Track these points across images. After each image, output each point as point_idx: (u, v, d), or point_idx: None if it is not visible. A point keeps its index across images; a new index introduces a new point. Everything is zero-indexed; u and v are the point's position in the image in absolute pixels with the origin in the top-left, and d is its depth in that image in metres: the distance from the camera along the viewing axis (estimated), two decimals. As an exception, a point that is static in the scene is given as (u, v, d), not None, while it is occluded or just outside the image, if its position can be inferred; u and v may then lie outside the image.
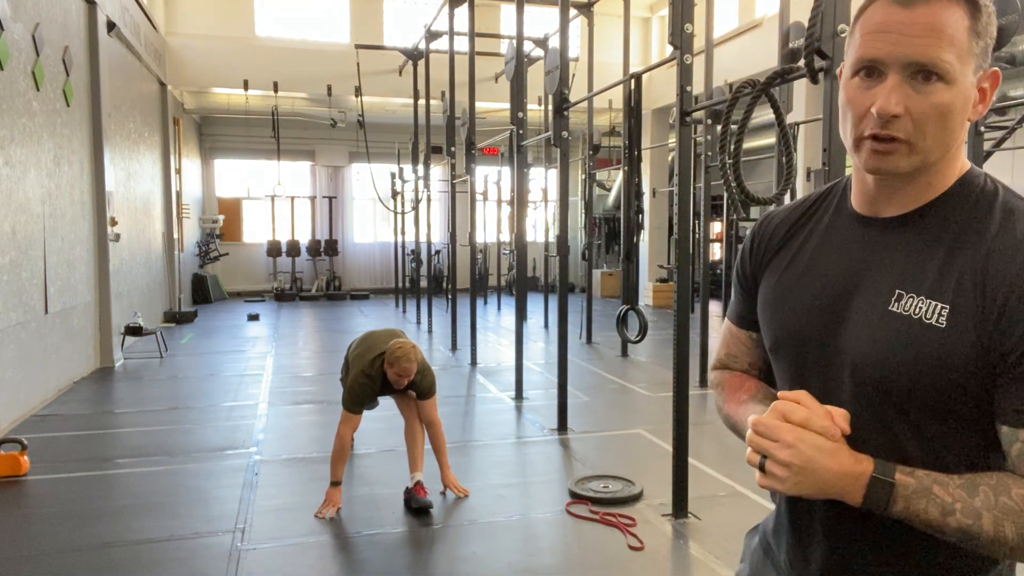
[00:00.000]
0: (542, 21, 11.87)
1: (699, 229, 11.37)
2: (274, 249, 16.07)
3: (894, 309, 0.93)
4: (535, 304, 12.40)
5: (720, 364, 1.25)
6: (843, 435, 0.91)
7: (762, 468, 0.92)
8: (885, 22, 0.89)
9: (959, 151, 0.95)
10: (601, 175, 16.35)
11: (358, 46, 12.44)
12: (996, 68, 0.93)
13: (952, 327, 0.88)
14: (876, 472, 0.88)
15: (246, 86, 12.68)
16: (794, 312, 1.04)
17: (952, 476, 0.88)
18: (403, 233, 14.04)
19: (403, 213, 13.86)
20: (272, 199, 16.18)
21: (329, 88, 12.90)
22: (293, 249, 16.28)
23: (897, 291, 0.93)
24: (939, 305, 0.89)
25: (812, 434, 0.89)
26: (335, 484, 3.92)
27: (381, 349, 3.94)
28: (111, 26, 8.45)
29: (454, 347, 9.16)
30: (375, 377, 3.91)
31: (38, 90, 6.27)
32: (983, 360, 0.87)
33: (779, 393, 0.97)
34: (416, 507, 3.95)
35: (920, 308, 0.90)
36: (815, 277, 1.03)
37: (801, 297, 1.04)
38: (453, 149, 9.16)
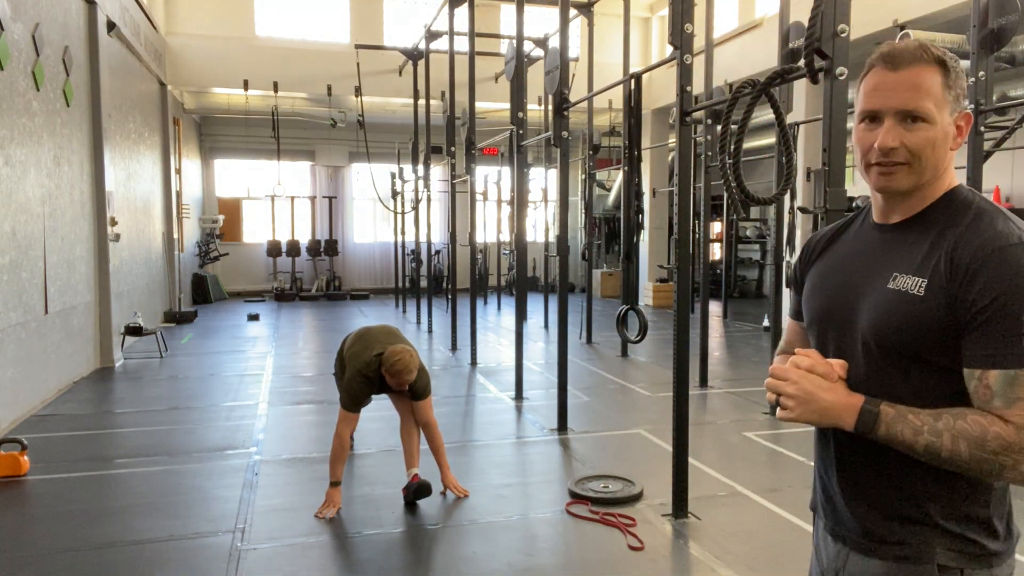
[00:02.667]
0: (542, 21, 11.87)
1: (699, 229, 11.38)
2: (274, 249, 16.07)
3: (890, 286, 1.23)
4: (535, 304, 12.40)
5: (780, 351, 1.54)
6: (841, 379, 1.23)
7: (778, 404, 1.24)
8: (880, 83, 1.22)
9: (947, 172, 1.25)
10: (601, 175, 16.35)
11: (358, 46, 12.45)
12: (968, 111, 1.24)
13: (927, 296, 1.17)
14: (866, 403, 1.19)
15: (246, 86, 12.68)
16: (824, 296, 1.36)
17: (926, 409, 1.15)
18: (403, 233, 14.04)
19: (403, 213, 13.86)
20: (272, 199, 16.18)
21: (329, 88, 12.90)
22: (293, 249, 16.27)
23: (894, 273, 1.23)
24: (920, 280, 1.19)
25: (813, 375, 1.22)
26: (335, 484, 3.92)
27: (378, 349, 3.93)
28: (111, 26, 8.45)
29: (454, 347, 9.16)
30: (372, 377, 3.90)
31: (38, 90, 6.27)
32: (951, 319, 1.15)
33: (796, 350, 1.29)
34: (415, 490, 3.95)
35: (907, 284, 1.20)
36: (841, 270, 1.35)
37: (830, 285, 1.36)
38: (453, 149, 9.16)
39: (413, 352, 3.91)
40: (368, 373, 3.89)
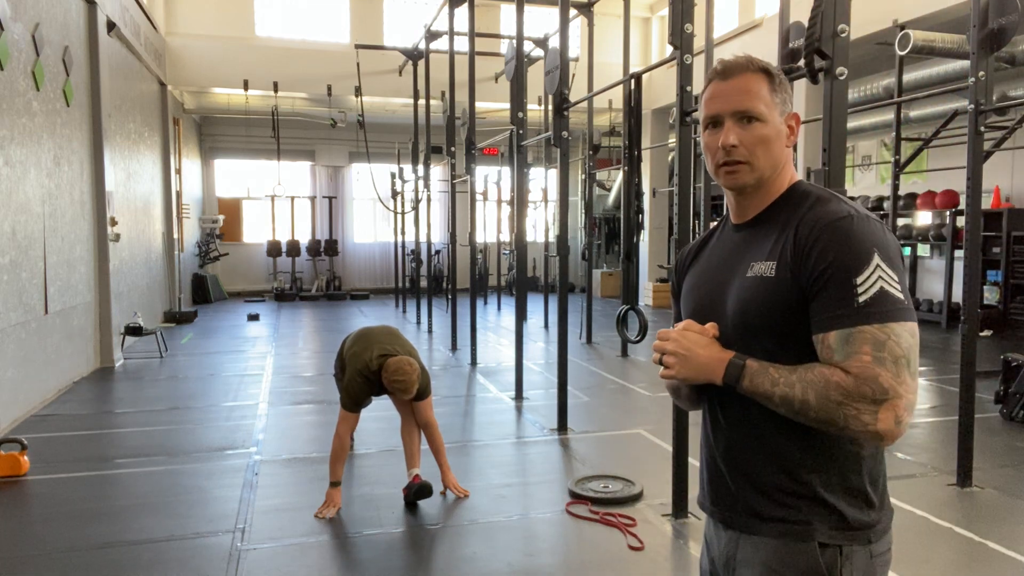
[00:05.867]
0: (542, 21, 11.87)
1: (699, 229, 11.37)
2: (274, 249, 16.06)
3: (749, 275, 1.36)
4: (535, 304, 12.40)
5: None
6: (714, 339, 1.35)
7: (661, 363, 1.37)
8: (716, 92, 1.38)
9: (787, 168, 1.40)
10: (601, 175, 16.34)
11: (358, 46, 12.45)
12: (796, 112, 1.40)
13: (778, 275, 1.30)
14: (734, 357, 1.30)
15: (246, 86, 12.68)
16: (696, 297, 1.49)
17: (785, 366, 1.26)
18: (403, 233, 14.04)
19: (403, 213, 13.86)
20: (272, 199, 16.18)
21: (329, 88, 12.90)
22: (293, 249, 16.27)
23: (751, 263, 1.36)
24: (770, 263, 1.32)
25: (692, 333, 1.35)
26: (335, 484, 3.92)
27: (378, 350, 3.93)
28: (111, 26, 8.45)
29: (454, 347, 9.16)
30: (372, 378, 3.90)
31: (38, 90, 6.27)
32: (798, 291, 1.27)
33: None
34: (415, 490, 3.95)
35: (761, 269, 1.33)
36: (710, 272, 1.48)
37: (701, 287, 1.49)
38: (453, 149, 9.16)
39: (415, 366, 3.87)
40: (368, 374, 3.89)
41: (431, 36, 10.27)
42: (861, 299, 1.21)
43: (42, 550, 3.47)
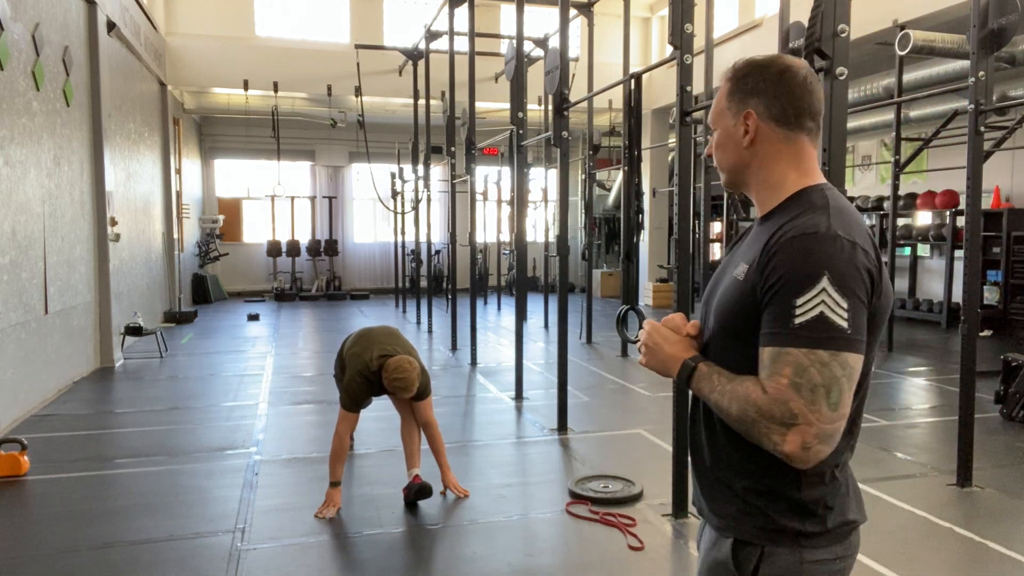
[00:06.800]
0: (542, 21, 11.87)
1: (699, 229, 11.37)
2: (274, 249, 16.06)
3: (732, 273, 1.35)
4: (535, 304, 12.39)
5: None
6: (689, 337, 1.39)
7: (639, 350, 1.44)
8: None
9: (789, 173, 1.36)
10: (601, 175, 16.34)
11: (358, 46, 12.45)
12: (749, 110, 1.35)
13: (745, 279, 1.30)
14: (688, 359, 1.35)
15: (246, 86, 12.68)
16: (709, 286, 1.49)
17: (730, 373, 1.29)
18: (403, 233, 14.04)
19: (403, 213, 13.86)
20: (272, 199, 16.18)
21: (329, 88, 12.90)
22: (293, 249, 16.26)
23: (739, 262, 1.35)
24: (746, 266, 1.31)
25: (665, 329, 1.41)
26: (334, 484, 3.92)
27: (378, 350, 3.93)
28: (111, 26, 8.45)
29: (454, 347, 9.16)
30: (372, 379, 3.90)
31: (38, 90, 6.27)
32: (756, 300, 1.26)
33: None
34: (416, 491, 3.96)
35: (739, 271, 1.33)
36: (724, 264, 1.48)
37: (714, 276, 1.49)
38: (453, 149, 9.16)
39: (415, 365, 3.88)
40: (368, 374, 3.89)
41: (431, 36, 10.27)
42: (796, 321, 1.19)
43: (42, 550, 3.47)
